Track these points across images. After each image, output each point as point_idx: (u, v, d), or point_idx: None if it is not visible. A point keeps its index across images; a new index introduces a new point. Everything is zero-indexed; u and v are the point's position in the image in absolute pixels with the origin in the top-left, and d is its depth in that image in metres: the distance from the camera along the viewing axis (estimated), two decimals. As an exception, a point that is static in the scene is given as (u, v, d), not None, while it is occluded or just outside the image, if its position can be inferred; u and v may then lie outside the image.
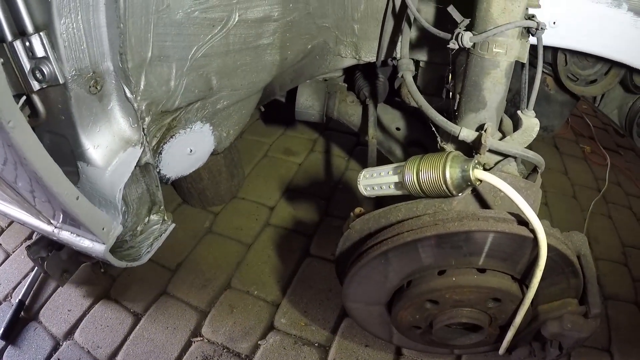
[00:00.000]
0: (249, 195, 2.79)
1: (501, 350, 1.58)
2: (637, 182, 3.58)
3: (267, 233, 2.56)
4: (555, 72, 2.15)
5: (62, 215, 1.34)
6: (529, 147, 1.42)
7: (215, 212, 2.64)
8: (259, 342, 2.03)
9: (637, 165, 3.80)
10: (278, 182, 2.91)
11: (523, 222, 1.26)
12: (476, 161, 1.23)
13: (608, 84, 2.17)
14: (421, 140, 2.07)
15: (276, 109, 2.60)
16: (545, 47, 2.07)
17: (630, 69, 2.10)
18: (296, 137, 3.36)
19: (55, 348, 1.97)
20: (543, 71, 2.25)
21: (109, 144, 1.35)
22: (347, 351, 2.03)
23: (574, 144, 3.91)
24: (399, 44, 1.71)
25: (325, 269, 2.34)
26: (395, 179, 1.32)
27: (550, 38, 1.69)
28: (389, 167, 1.35)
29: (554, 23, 1.65)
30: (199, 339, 2.02)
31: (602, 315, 2.38)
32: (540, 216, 1.34)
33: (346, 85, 2.35)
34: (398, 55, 1.73)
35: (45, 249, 1.86)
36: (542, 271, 1.27)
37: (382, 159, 2.04)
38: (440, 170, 1.21)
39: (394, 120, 2.18)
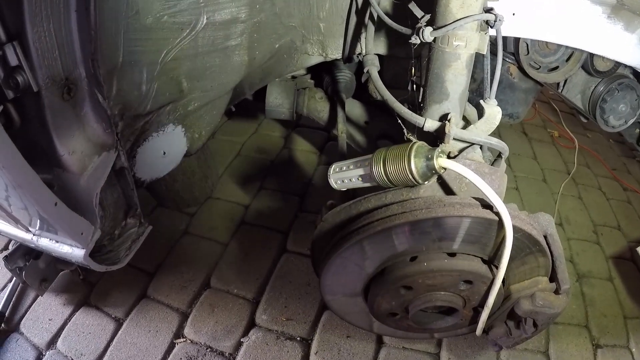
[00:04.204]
0: (223, 195, 2.80)
1: (478, 331, 1.62)
2: (605, 162, 3.71)
3: (243, 232, 2.58)
4: (517, 60, 2.23)
5: (39, 221, 1.34)
6: (498, 134, 1.47)
7: (190, 213, 2.65)
8: (241, 340, 2.05)
9: (604, 147, 3.95)
10: (252, 181, 2.93)
11: (488, 206, 1.31)
12: (440, 150, 1.28)
13: (570, 70, 2.25)
14: (389, 132, 2.12)
15: (247, 108, 2.63)
16: (507, 37, 2.15)
17: (590, 54, 2.18)
18: (268, 135, 3.38)
19: (38, 358, 1.95)
20: (506, 60, 2.32)
21: (83, 149, 1.35)
22: (329, 343, 2.07)
23: (542, 129, 4.03)
24: (363, 40, 1.76)
25: (303, 264, 2.37)
26: (364, 171, 1.36)
27: (510, 29, 1.73)
28: (357, 160, 1.39)
29: (514, 14, 1.70)
30: (181, 340, 2.04)
31: (576, 292, 2.48)
32: (511, 200, 1.40)
33: (314, 82, 2.39)
34: (363, 51, 1.78)
35: (23, 258, 1.85)
36: (509, 252, 1.32)
37: (353, 153, 2.08)
38: (405, 160, 1.26)
39: (362, 114, 2.23)
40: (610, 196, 3.36)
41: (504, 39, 2.18)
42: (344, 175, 1.40)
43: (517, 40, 2.15)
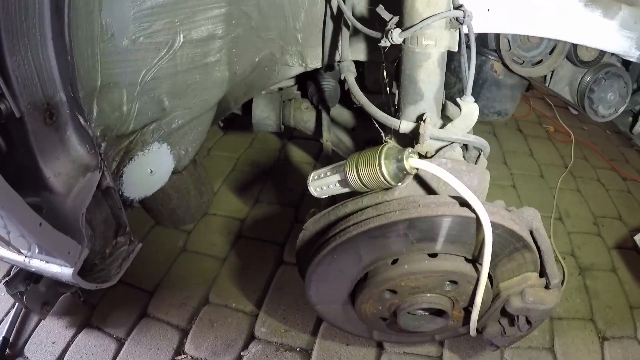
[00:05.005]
0: (219, 210, 2.82)
1: (471, 331, 1.60)
2: (602, 154, 3.70)
3: (240, 246, 2.59)
4: (500, 57, 2.22)
5: (37, 248, 1.37)
6: (492, 133, 1.45)
7: (188, 230, 2.67)
8: (241, 353, 2.05)
9: (602, 138, 3.94)
10: (247, 195, 2.95)
11: (467, 203, 1.29)
12: (410, 151, 1.27)
13: (554, 62, 2.24)
14: (376, 138, 2.13)
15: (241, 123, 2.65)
16: (487, 34, 2.15)
17: (574, 45, 2.17)
18: (262, 149, 3.41)
19: (43, 382, 1.96)
20: (489, 57, 2.33)
21: (68, 171, 1.38)
22: (329, 352, 2.06)
23: (537, 125, 4.03)
24: (340, 47, 1.77)
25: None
26: (340, 177, 1.36)
27: (486, 25, 1.71)
28: (334, 167, 1.39)
29: (488, 10, 1.67)
30: (182, 356, 2.04)
31: (579, 285, 2.45)
32: (509, 198, 1.39)
33: (300, 92, 2.41)
34: (340, 59, 1.79)
35: (23, 283, 1.87)
36: (490, 249, 1.30)
37: (339, 160, 2.10)
38: (376, 163, 1.26)
39: (349, 121, 2.25)
40: (610, 187, 3.34)
41: (485, 35, 2.19)
42: (323, 183, 1.41)
43: (497, 36, 2.14)
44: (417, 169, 1.29)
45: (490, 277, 1.44)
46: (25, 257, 1.44)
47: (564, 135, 3.87)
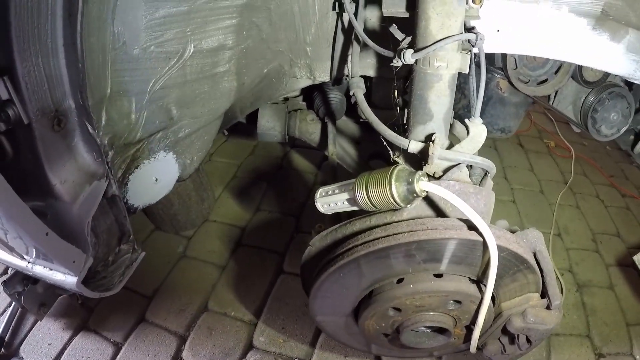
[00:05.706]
0: (220, 217, 2.82)
1: (472, 349, 1.61)
2: (602, 170, 3.72)
3: (240, 254, 2.59)
4: (506, 75, 2.24)
5: (35, 251, 1.36)
6: (494, 148, 1.45)
7: (188, 236, 2.67)
8: (239, 362, 2.05)
9: (602, 154, 3.96)
10: (248, 203, 2.95)
11: (473, 226, 1.30)
12: (420, 174, 1.28)
13: (559, 82, 2.26)
14: (381, 152, 2.14)
15: (243, 129, 2.66)
16: (494, 53, 2.16)
17: (579, 65, 2.19)
18: (265, 157, 3.41)
19: (38, 383, 1.95)
20: (495, 75, 2.34)
21: (75, 178, 1.37)
22: (327, 363, 2.07)
23: (538, 140, 4.04)
24: (349, 62, 1.78)
25: (299, 285, 2.31)
26: (349, 195, 1.36)
27: (496, 45, 1.73)
28: (342, 185, 1.40)
29: (498, 31, 1.69)
30: (180, 363, 2.04)
31: (576, 302, 2.47)
32: (508, 213, 1.40)
33: (305, 104, 2.41)
34: (349, 74, 1.79)
35: (21, 283, 1.86)
36: (495, 272, 1.31)
37: (344, 174, 2.10)
38: (386, 185, 1.26)
39: (354, 134, 2.25)
40: (609, 203, 3.36)
41: (492, 54, 2.19)
42: (330, 200, 1.41)
43: (504, 54, 2.16)
44: (427, 192, 1.29)
45: (493, 297, 1.45)
46: (28, 263, 1.44)
47: (564, 151, 3.89)
